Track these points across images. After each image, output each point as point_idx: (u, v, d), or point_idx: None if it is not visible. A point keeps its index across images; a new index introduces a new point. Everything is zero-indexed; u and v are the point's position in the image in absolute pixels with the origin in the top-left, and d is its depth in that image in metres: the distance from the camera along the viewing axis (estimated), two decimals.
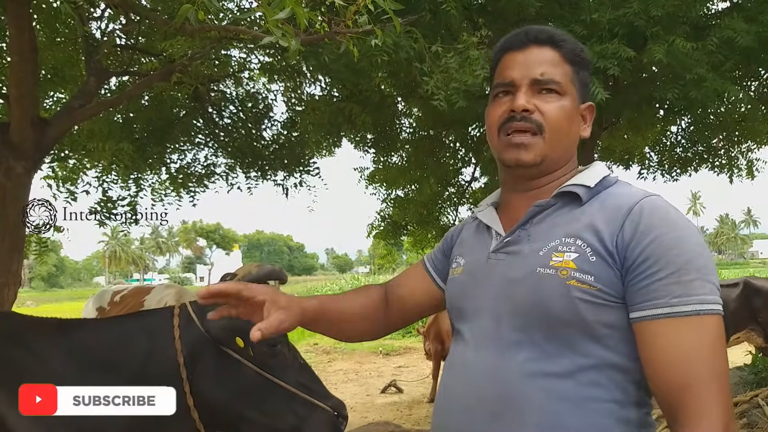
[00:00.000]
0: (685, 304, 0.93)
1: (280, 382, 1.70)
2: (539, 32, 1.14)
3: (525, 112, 1.08)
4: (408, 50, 3.85)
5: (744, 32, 4.25)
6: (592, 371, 0.98)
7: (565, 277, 0.99)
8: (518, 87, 1.10)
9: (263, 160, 6.21)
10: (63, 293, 60.17)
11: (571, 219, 1.06)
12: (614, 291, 0.98)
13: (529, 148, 1.09)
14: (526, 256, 1.06)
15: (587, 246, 1.00)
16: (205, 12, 2.30)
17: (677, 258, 0.95)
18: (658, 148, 8.03)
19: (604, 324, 0.98)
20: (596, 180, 1.10)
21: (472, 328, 1.12)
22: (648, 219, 0.98)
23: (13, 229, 3.81)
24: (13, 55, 3.70)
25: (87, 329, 1.88)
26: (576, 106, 1.14)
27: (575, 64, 1.14)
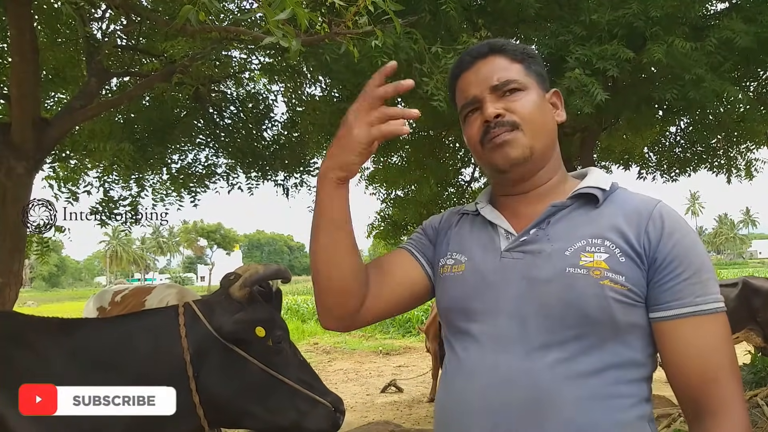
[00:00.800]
0: (707, 303, 1.00)
1: (284, 378, 1.76)
2: (480, 48, 1.19)
3: (497, 118, 1.12)
4: (408, 51, 3.86)
5: (743, 33, 4.26)
6: (616, 369, 1.01)
7: (599, 277, 1.01)
8: (482, 99, 1.14)
9: (264, 160, 6.22)
10: (64, 293, 60.21)
11: (590, 220, 1.08)
12: (640, 290, 1.02)
13: (513, 144, 1.11)
14: (550, 255, 1.06)
15: (615, 247, 1.03)
16: (205, 13, 2.31)
17: (696, 259, 1.02)
18: (657, 149, 8.04)
19: (632, 324, 1.02)
20: (609, 184, 1.14)
21: (485, 330, 1.08)
22: (669, 223, 1.04)
23: (14, 229, 3.82)
24: (14, 55, 3.72)
25: (89, 329, 1.89)
26: (542, 95, 1.17)
27: (523, 60, 1.17)
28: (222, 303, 1.82)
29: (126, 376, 1.69)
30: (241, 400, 1.75)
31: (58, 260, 71.49)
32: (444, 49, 3.97)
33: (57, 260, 70.45)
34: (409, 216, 8.25)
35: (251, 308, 1.80)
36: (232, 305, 1.80)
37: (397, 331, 15.03)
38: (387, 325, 15.55)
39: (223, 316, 1.77)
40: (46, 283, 76.09)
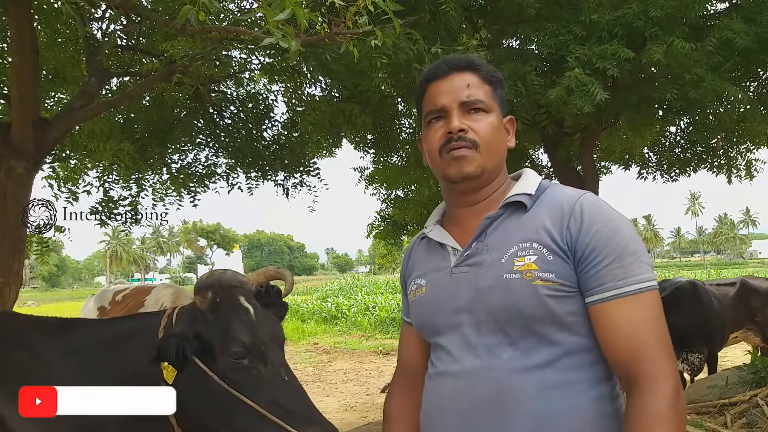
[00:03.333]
0: (629, 285, 1.08)
1: (245, 398, 1.59)
2: (458, 60, 1.27)
3: (461, 132, 1.20)
4: (407, 51, 3.86)
5: (743, 33, 4.26)
6: (567, 357, 1.11)
7: (530, 279, 1.11)
8: (450, 111, 1.23)
9: (264, 160, 6.22)
10: (64, 293, 60.23)
11: (521, 225, 1.18)
12: (572, 282, 1.11)
13: (469, 161, 1.21)
14: (490, 265, 1.16)
15: (543, 247, 1.13)
16: (205, 13, 2.31)
17: (617, 245, 1.10)
18: (657, 149, 8.03)
19: (570, 312, 1.11)
20: (535, 187, 1.22)
21: (450, 340, 1.20)
22: (587, 215, 1.13)
23: (14, 229, 3.83)
24: (14, 55, 3.72)
25: (88, 329, 1.89)
26: (500, 121, 1.27)
27: (492, 83, 1.27)
28: (189, 310, 1.75)
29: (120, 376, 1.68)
30: (205, 415, 1.65)
31: (58, 260, 71.50)
32: (444, 50, 3.96)
33: (57, 260, 70.46)
34: (409, 216, 8.25)
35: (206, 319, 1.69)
36: (194, 313, 1.73)
37: (397, 331, 15.00)
38: (387, 325, 15.57)
39: (181, 326, 1.71)
40: (46, 283, 76.11)
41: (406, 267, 1.44)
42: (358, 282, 26.80)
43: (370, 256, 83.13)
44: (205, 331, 1.67)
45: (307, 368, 10.89)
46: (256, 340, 1.67)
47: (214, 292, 1.72)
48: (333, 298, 20.49)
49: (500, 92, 1.29)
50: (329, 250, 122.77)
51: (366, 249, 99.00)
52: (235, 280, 1.75)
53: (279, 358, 1.69)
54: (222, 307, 1.71)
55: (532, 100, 4.70)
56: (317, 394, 8.57)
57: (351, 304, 18.43)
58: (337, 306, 18.29)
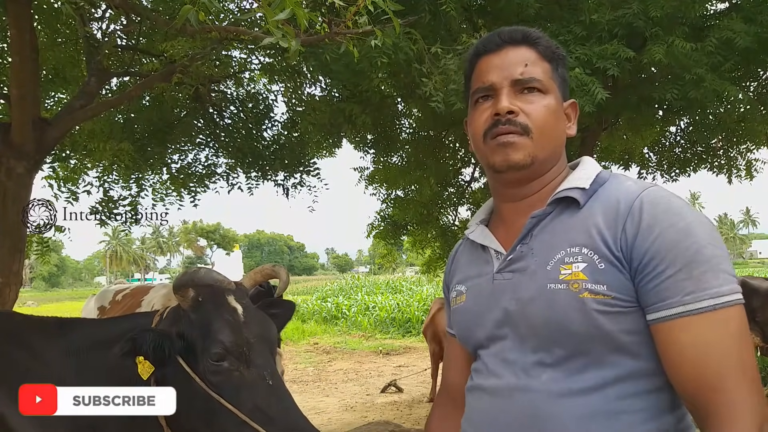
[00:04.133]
0: (699, 300, 0.89)
1: (226, 403, 1.55)
2: (513, 32, 1.11)
3: (509, 114, 1.05)
4: (407, 51, 3.85)
5: (743, 33, 4.25)
6: (620, 383, 0.94)
7: (577, 291, 0.95)
8: (499, 90, 1.07)
9: (264, 160, 6.21)
10: (64, 293, 60.20)
11: (571, 226, 1.01)
12: (629, 296, 0.94)
13: (518, 147, 1.05)
14: (534, 272, 1.01)
15: (594, 253, 0.96)
16: (205, 13, 2.31)
17: (685, 251, 0.90)
18: (657, 149, 8.03)
19: (626, 331, 0.94)
20: (590, 179, 1.05)
21: (490, 354, 1.08)
22: (649, 214, 0.94)
23: (14, 228, 3.83)
24: (14, 55, 3.72)
25: (87, 329, 1.88)
26: (560, 104, 1.11)
27: (553, 61, 1.11)
28: (174, 309, 1.73)
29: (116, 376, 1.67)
30: (189, 418, 1.62)
31: (58, 260, 71.49)
32: (443, 50, 3.96)
33: (57, 260, 70.44)
34: (410, 216, 8.25)
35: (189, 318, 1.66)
36: (177, 312, 1.71)
37: (397, 331, 15.04)
38: (387, 325, 15.57)
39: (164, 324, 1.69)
40: (46, 283, 76.08)
41: (448, 272, 1.29)
42: (358, 282, 26.78)
43: (370, 256, 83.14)
44: (188, 330, 1.63)
45: (307, 368, 10.89)
46: (238, 341, 1.60)
47: (196, 291, 1.67)
48: (333, 298, 20.48)
49: (561, 71, 1.13)
50: (329, 250, 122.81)
51: (366, 249, 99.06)
52: (209, 278, 1.68)
53: (264, 361, 1.63)
54: (205, 306, 1.66)
55: None
56: (317, 394, 8.57)
57: (351, 304, 18.42)
58: (337, 306, 18.29)
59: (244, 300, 1.73)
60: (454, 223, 8.36)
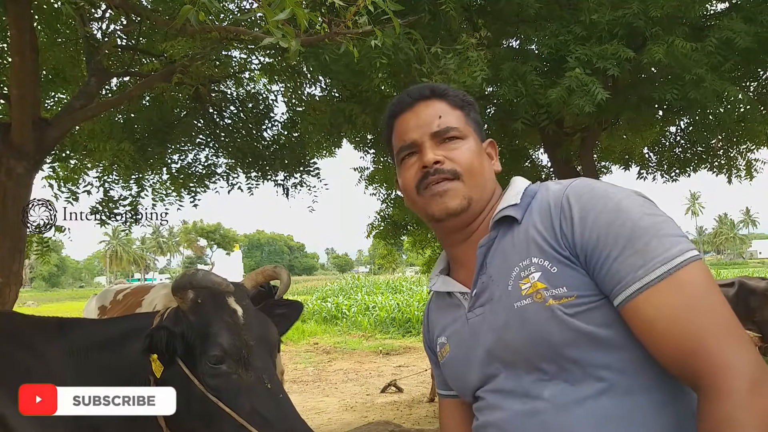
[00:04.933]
0: (651, 271, 0.87)
1: (224, 406, 1.54)
2: (421, 89, 1.16)
3: (437, 164, 1.08)
4: (407, 51, 3.86)
5: (743, 33, 4.26)
6: (623, 377, 0.91)
7: (542, 300, 0.94)
8: (421, 144, 1.11)
9: (264, 160, 6.22)
10: (64, 293, 60.23)
11: (516, 242, 1.03)
12: (590, 290, 0.93)
13: (452, 194, 1.08)
14: (500, 298, 1.02)
15: (543, 259, 0.96)
16: (205, 13, 2.31)
17: (622, 228, 0.90)
18: (657, 149, 8.03)
19: (603, 325, 0.92)
20: (520, 194, 1.08)
21: (488, 391, 1.06)
22: (576, 205, 0.95)
23: (14, 229, 3.83)
24: (14, 55, 3.72)
25: (87, 329, 1.88)
26: (479, 145, 1.15)
27: (463, 108, 1.15)
28: (175, 310, 1.72)
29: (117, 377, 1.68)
30: (188, 419, 1.61)
31: (58, 260, 71.50)
32: (443, 50, 3.96)
33: (57, 260, 70.46)
34: (409, 216, 8.25)
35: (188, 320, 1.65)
36: (178, 314, 1.69)
37: (397, 331, 15.04)
38: (387, 325, 15.57)
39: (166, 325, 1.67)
40: (46, 282, 76.12)
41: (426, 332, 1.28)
42: (358, 282, 26.79)
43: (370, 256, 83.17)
44: (187, 332, 1.63)
45: (307, 368, 10.89)
46: (237, 343, 1.59)
47: (196, 293, 1.66)
48: (333, 298, 20.49)
49: (474, 116, 1.17)
50: (329, 250, 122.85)
51: (366, 249, 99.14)
52: (206, 281, 1.67)
53: (263, 364, 1.62)
54: (204, 307, 1.65)
55: (532, 100, 4.70)
56: (317, 394, 8.57)
57: (351, 304, 18.43)
58: (337, 306, 18.29)
59: (244, 301, 1.72)
60: None
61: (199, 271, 1.71)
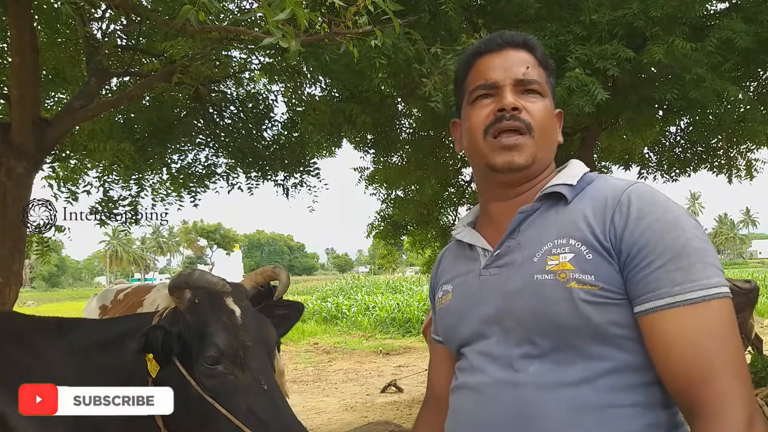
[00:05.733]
0: (688, 291, 0.88)
1: (220, 407, 1.54)
2: (514, 36, 1.13)
3: (514, 111, 1.05)
4: (407, 52, 3.86)
5: (743, 33, 4.25)
6: (611, 375, 0.93)
7: (565, 280, 0.94)
8: (502, 87, 1.08)
9: (264, 160, 6.22)
10: (64, 293, 60.23)
11: (558, 220, 1.02)
12: (616, 287, 0.93)
13: (521, 149, 1.06)
14: (521, 264, 1.01)
15: (581, 244, 0.96)
16: (205, 13, 2.31)
17: (674, 242, 0.90)
18: (657, 149, 8.03)
19: (614, 324, 0.93)
20: (578, 177, 1.06)
21: (474, 351, 1.07)
22: (636, 206, 0.94)
23: (14, 229, 3.83)
24: (14, 55, 3.72)
25: (87, 329, 1.89)
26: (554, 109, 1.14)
27: (547, 68, 1.14)
28: (173, 310, 1.72)
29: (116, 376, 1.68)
30: (184, 419, 1.62)
31: (58, 260, 71.49)
32: (443, 50, 3.96)
33: (57, 260, 70.44)
34: (409, 216, 8.25)
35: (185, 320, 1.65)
36: (175, 313, 1.69)
37: (397, 331, 15.03)
38: (387, 325, 15.57)
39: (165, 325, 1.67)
40: (46, 283, 76.11)
41: (434, 276, 1.28)
42: (358, 282, 26.79)
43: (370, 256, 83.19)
44: (184, 332, 1.62)
45: (307, 368, 10.89)
46: (234, 344, 1.59)
47: (193, 293, 1.66)
48: (333, 298, 20.48)
49: (552, 80, 1.15)
50: (329, 250, 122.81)
51: (366, 249, 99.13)
52: (203, 281, 1.66)
53: (260, 365, 1.62)
54: (201, 308, 1.65)
55: None
56: (317, 394, 8.57)
57: (351, 304, 18.42)
58: (337, 306, 18.29)
59: (242, 302, 1.71)
60: (454, 223, 8.36)
61: (195, 271, 1.71)
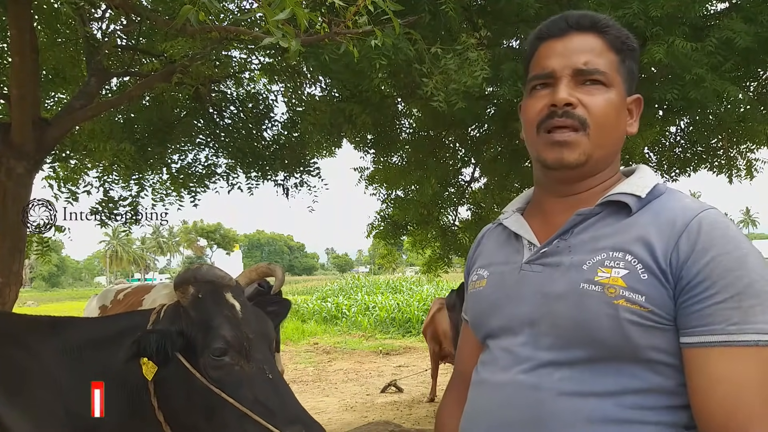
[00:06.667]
0: (744, 333, 0.84)
1: (227, 397, 1.56)
2: (581, 17, 1.04)
3: (567, 106, 0.99)
4: (407, 52, 3.86)
5: (743, 33, 4.25)
6: (639, 394, 0.90)
7: (613, 296, 0.90)
8: (559, 78, 1.01)
9: (264, 160, 6.22)
10: (64, 293, 60.23)
11: (618, 231, 0.96)
12: (666, 313, 0.89)
13: (573, 147, 0.99)
14: (568, 269, 0.96)
15: (638, 262, 0.91)
16: (205, 13, 2.31)
17: (738, 281, 0.85)
18: (657, 149, 8.03)
19: (655, 348, 0.90)
20: (648, 189, 0.99)
21: (501, 345, 1.03)
22: (707, 236, 0.89)
23: (14, 229, 3.83)
24: (14, 55, 3.71)
25: (80, 328, 1.89)
26: (623, 99, 1.04)
27: (621, 52, 1.04)
28: (174, 306, 1.74)
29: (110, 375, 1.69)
30: (189, 412, 1.64)
31: (58, 260, 71.49)
32: (444, 50, 3.96)
33: (57, 260, 70.45)
34: (410, 216, 8.25)
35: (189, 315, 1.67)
36: (177, 309, 1.72)
37: (397, 331, 15.03)
38: (387, 325, 15.57)
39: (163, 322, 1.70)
40: (46, 283, 76.11)
41: (471, 257, 1.21)
42: (358, 282, 26.78)
43: (370, 256, 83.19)
44: (188, 327, 1.65)
45: (307, 368, 10.89)
46: (239, 336, 1.63)
47: (196, 288, 1.69)
48: (333, 298, 20.48)
49: (629, 64, 1.05)
50: (329, 250, 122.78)
51: (366, 249, 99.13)
52: (210, 275, 1.70)
53: (264, 356, 1.66)
54: (204, 302, 1.68)
55: None
56: (317, 394, 8.57)
57: (351, 304, 18.42)
58: (337, 306, 18.28)
59: (240, 297, 1.75)
60: (454, 223, 8.36)
61: (203, 265, 1.76)
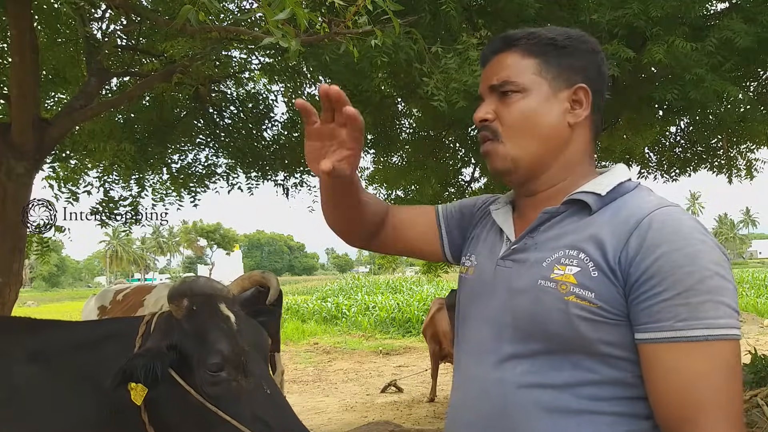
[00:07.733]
0: (692, 329, 0.86)
1: (223, 414, 1.51)
2: (494, 42, 1.12)
3: (483, 122, 1.08)
4: (407, 51, 3.86)
5: (743, 33, 4.25)
6: (595, 386, 0.94)
7: (565, 292, 0.94)
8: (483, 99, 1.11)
9: (264, 160, 6.22)
10: (64, 293, 60.21)
11: (577, 229, 1.00)
12: (617, 309, 0.92)
13: (492, 156, 1.08)
14: (531, 266, 1.01)
15: (590, 260, 0.94)
16: (205, 13, 2.31)
17: (688, 277, 0.87)
18: (658, 149, 8.03)
19: (606, 342, 0.93)
20: (610, 187, 1.02)
21: (473, 337, 1.10)
22: (657, 233, 0.91)
23: (14, 229, 3.82)
24: (14, 55, 3.71)
25: (58, 332, 1.84)
26: (546, 98, 1.05)
27: (543, 53, 1.06)
28: (166, 319, 1.68)
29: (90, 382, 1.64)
30: (183, 429, 1.59)
31: (58, 260, 71.50)
32: (444, 49, 3.96)
33: (57, 260, 70.45)
34: None
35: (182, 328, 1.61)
36: (170, 322, 1.66)
37: (397, 331, 15.04)
38: (387, 325, 15.58)
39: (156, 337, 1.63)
40: (46, 283, 76.09)
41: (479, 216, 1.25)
42: (358, 282, 26.80)
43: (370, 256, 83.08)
44: (182, 341, 1.59)
45: (307, 368, 10.89)
46: (235, 350, 1.58)
47: (190, 300, 1.64)
48: (333, 298, 20.49)
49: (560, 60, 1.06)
50: (329, 250, 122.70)
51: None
52: (208, 288, 1.66)
53: (261, 370, 1.61)
54: (199, 315, 1.62)
55: None
56: (317, 394, 8.57)
57: (351, 304, 18.43)
58: (337, 306, 18.29)
59: (234, 308, 1.70)
60: None
61: (200, 278, 1.71)
